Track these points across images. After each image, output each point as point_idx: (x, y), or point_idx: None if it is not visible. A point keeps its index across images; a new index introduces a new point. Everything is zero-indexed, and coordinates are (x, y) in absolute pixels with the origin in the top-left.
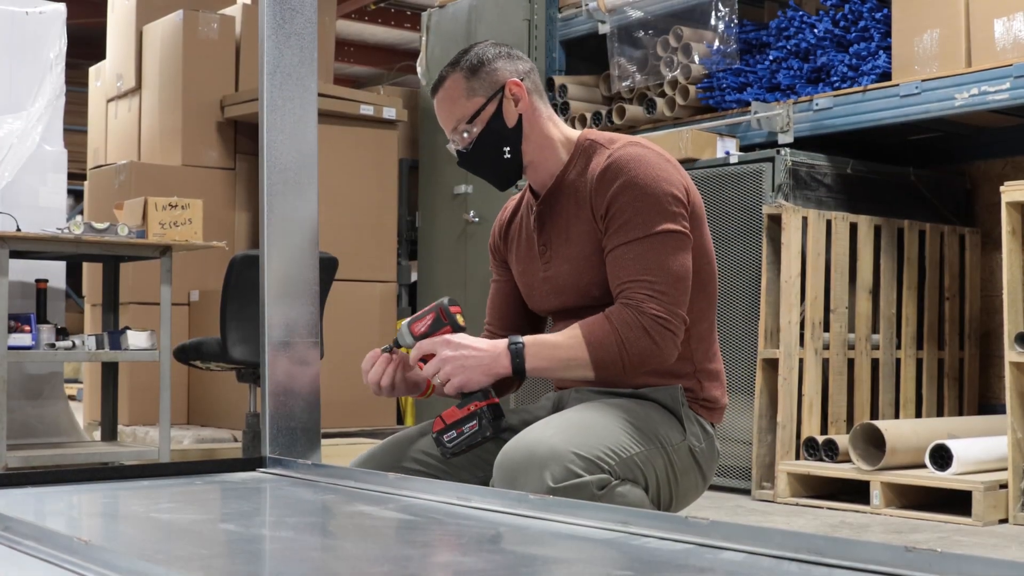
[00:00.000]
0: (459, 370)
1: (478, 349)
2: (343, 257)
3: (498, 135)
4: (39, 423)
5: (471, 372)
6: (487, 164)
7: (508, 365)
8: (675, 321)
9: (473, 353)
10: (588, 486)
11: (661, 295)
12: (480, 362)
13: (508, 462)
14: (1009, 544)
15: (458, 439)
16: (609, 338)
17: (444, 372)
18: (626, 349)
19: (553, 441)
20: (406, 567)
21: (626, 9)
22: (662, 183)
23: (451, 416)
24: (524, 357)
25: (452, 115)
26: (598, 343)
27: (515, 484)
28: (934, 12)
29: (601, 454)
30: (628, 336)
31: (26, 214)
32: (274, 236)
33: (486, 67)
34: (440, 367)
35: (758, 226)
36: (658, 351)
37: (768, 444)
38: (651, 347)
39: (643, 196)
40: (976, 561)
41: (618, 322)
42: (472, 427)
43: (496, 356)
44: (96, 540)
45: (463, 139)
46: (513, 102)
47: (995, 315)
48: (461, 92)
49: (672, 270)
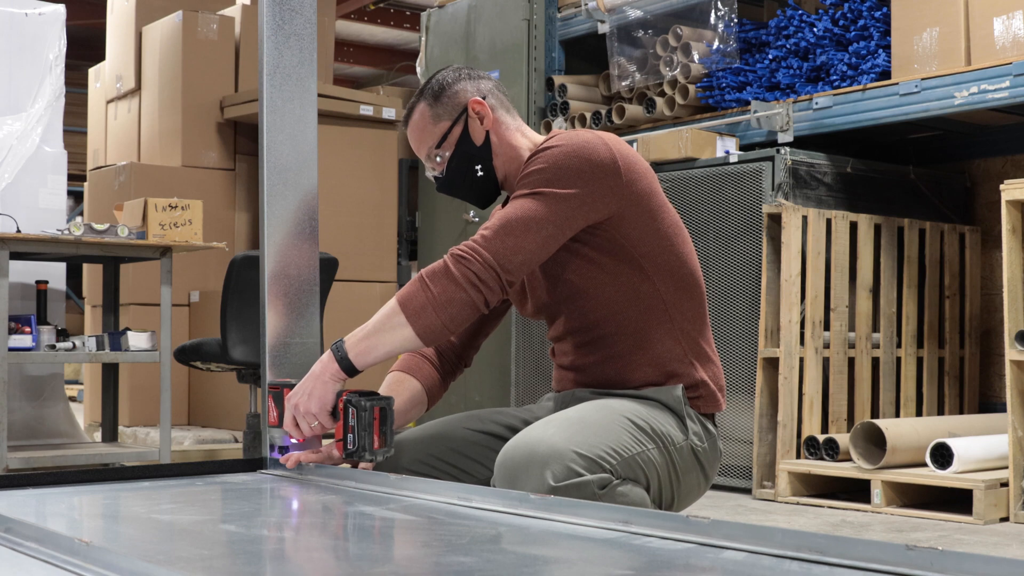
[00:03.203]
0: (304, 398)
1: (308, 376)
2: (343, 257)
3: (468, 155)
4: (40, 424)
5: (313, 393)
6: (463, 185)
7: (334, 363)
8: (477, 259)
9: (305, 379)
10: (589, 485)
11: (479, 238)
12: (313, 380)
13: (509, 461)
14: (1010, 542)
15: (362, 437)
16: (416, 289)
17: (300, 411)
18: (430, 289)
19: (554, 440)
20: (407, 567)
21: (625, 8)
22: (579, 153)
23: (337, 433)
24: (344, 348)
25: (423, 143)
26: (407, 297)
27: (516, 483)
28: (933, 10)
29: (602, 453)
30: (430, 275)
31: (26, 215)
32: (274, 236)
33: (447, 91)
34: (293, 413)
35: (758, 225)
36: (460, 289)
37: (769, 443)
38: (453, 288)
39: (551, 158)
40: (977, 559)
41: (427, 270)
42: (352, 415)
43: (325, 364)
44: (97, 541)
45: (437, 164)
46: (478, 120)
47: (995, 313)
48: (428, 119)
49: (511, 220)
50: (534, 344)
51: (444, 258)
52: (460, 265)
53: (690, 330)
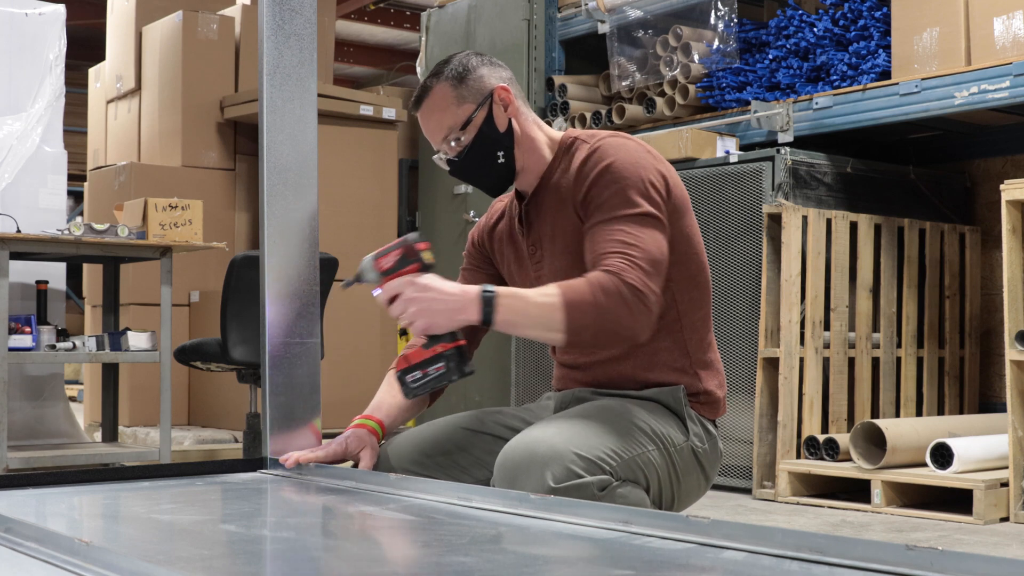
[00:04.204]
0: (424, 312)
1: (444, 292)
2: (343, 257)
3: (491, 140)
4: (40, 424)
5: (437, 316)
6: (480, 170)
7: (477, 313)
8: (651, 297)
9: (440, 296)
10: (589, 487)
11: (639, 268)
12: (447, 306)
13: (509, 462)
14: (1010, 542)
15: (423, 380)
16: (587, 301)
17: (409, 313)
18: (602, 315)
19: (554, 441)
20: (407, 567)
21: (625, 8)
22: (639, 169)
23: (416, 356)
24: (495, 307)
25: (442, 124)
26: (575, 305)
27: (516, 483)
28: (933, 10)
29: (602, 455)
30: (605, 302)
31: (26, 215)
32: (274, 236)
33: (472, 74)
34: (406, 308)
35: (758, 225)
36: (632, 323)
37: (769, 443)
38: (626, 317)
39: (620, 179)
40: (977, 559)
41: (598, 286)
42: (438, 369)
43: (465, 303)
44: (97, 541)
45: (453, 147)
46: (502, 107)
47: (995, 313)
48: (450, 100)
49: (649, 248)
50: (534, 344)
51: (620, 281)
52: (637, 301)
53: (696, 337)
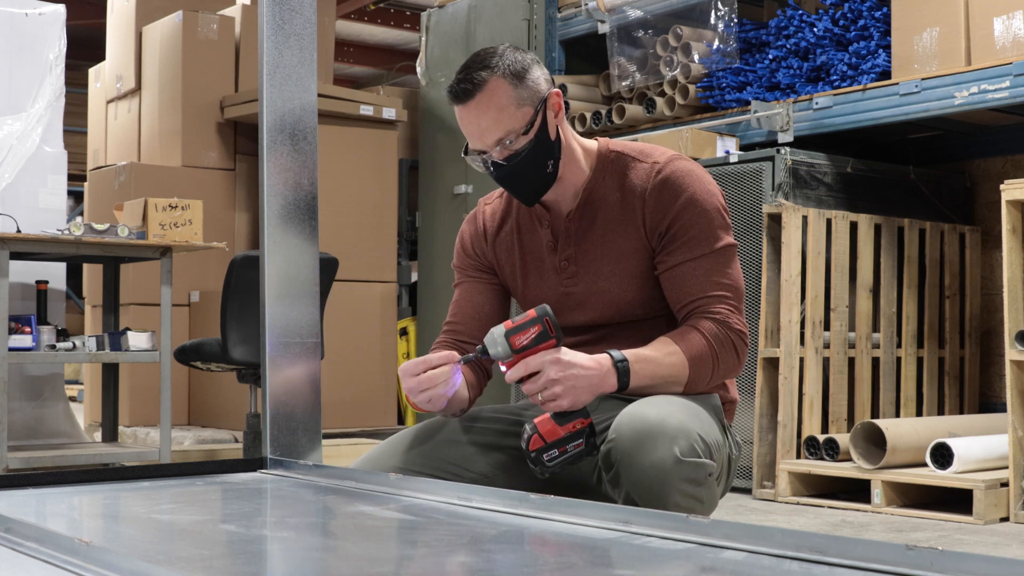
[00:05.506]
0: (570, 392)
1: (585, 367)
2: (343, 257)
3: (545, 148)
4: (40, 424)
5: (581, 393)
6: (528, 178)
7: (615, 383)
8: (747, 335)
9: (581, 372)
10: (705, 467)
11: (739, 311)
12: (589, 382)
13: (639, 424)
14: (1010, 542)
15: (559, 458)
16: (707, 355)
17: (553, 392)
18: (718, 365)
19: (682, 418)
20: (407, 567)
21: (625, 8)
22: (714, 198)
23: (552, 434)
24: (630, 376)
25: (500, 124)
26: (698, 360)
27: (642, 447)
28: (933, 10)
29: (713, 444)
30: (721, 353)
31: (26, 215)
32: (274, 236)
33: (529, 75)
34: (548, 387)
35: (758, 225)
36: (738, 365)
37: (769, 443)
38: (735, 363)
39: (705, 212)
40: (977, 559)
41: (713, 339)
42: (577, 446)
43: (604, 375)
44: (97, 541)
45: (504, 151)
46: (554, 113)
47: (995, 313)
48: (510, 100)
49: (739, 285)
50: None
51: (729, 330)
52: (743, 345)
53: None
